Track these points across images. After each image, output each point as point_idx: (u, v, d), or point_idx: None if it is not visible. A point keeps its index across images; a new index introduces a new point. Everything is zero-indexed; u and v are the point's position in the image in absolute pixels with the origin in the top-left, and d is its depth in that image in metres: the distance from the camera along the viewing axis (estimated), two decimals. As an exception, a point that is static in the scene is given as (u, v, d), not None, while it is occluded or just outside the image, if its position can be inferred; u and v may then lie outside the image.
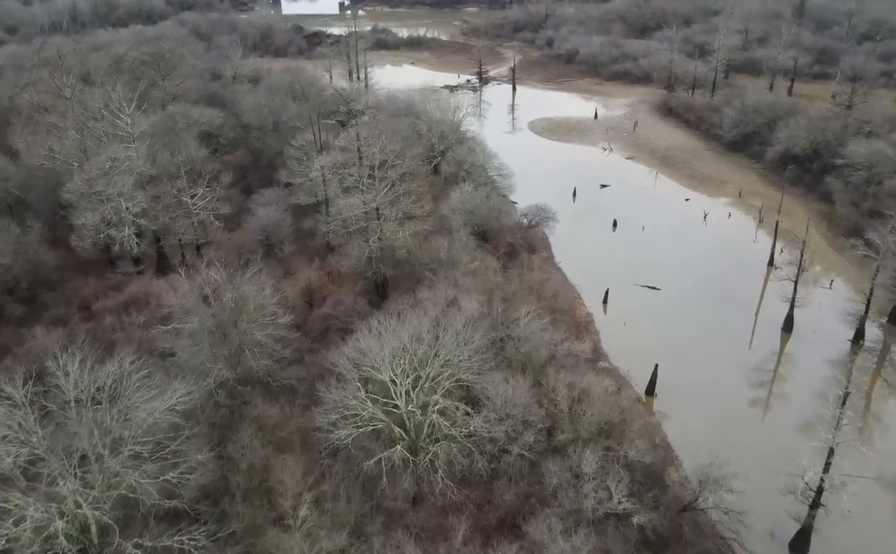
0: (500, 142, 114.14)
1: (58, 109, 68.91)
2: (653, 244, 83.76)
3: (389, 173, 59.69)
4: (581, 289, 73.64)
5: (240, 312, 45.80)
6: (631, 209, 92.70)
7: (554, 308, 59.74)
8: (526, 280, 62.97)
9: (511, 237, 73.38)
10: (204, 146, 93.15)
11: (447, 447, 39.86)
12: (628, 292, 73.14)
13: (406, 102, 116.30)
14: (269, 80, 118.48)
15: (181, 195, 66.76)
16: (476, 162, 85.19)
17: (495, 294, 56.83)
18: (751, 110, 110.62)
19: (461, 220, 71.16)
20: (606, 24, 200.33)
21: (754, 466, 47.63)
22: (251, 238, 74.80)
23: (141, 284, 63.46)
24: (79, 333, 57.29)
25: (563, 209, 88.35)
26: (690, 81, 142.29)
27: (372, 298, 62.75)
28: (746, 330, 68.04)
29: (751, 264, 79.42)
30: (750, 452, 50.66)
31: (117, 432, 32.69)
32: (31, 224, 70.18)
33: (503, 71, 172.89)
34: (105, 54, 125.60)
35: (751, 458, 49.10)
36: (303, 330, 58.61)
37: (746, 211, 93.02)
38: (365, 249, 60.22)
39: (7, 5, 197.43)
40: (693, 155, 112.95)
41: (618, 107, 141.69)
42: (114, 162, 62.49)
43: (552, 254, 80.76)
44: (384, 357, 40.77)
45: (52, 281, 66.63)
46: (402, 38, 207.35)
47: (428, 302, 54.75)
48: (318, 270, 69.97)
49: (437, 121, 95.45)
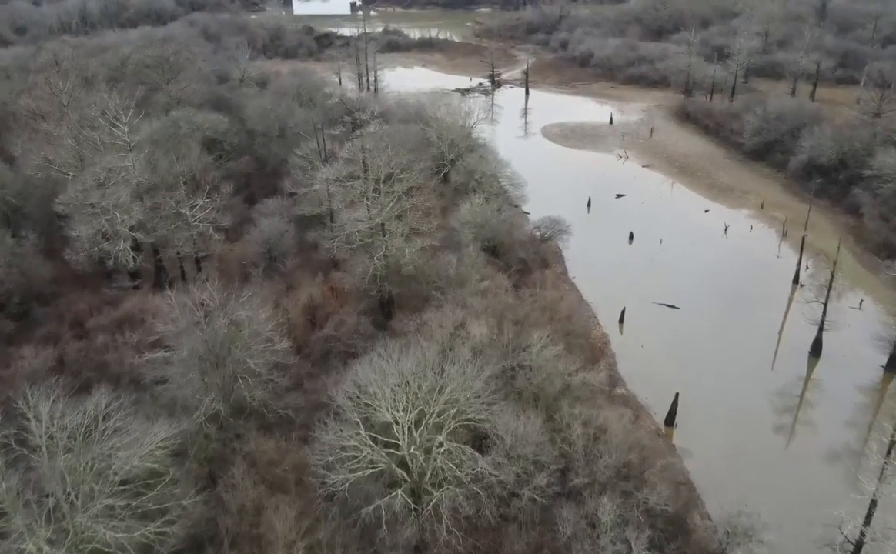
0: (513, 148, 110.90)
1: (54, 116, 66.45)
2: (671, 259, 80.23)
3: (396, 187, 56.67)
4: (596, 307, 70.38)
5: (233, 339, 42.96)
6: (648, 220, 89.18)
7: (568, 331, 56.50)
8: (538, 300, 59.76)
9: (523, 252, 70.19)
10: (207, 153, 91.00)
11: (452, 492, 36.77)
12: (646, 311, 69.77)
13: (416, 107, 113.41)
14: (276, 84, 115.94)
15: (180, 207, 64.08)
16: (487, 171, 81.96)
17: (506, 317, 53.69)
18: (773, 117, 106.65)
19: (471, 234, 68.09)
20: (622, 26, 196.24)
21: (785, 511, 44.12)
22: (253, 250, 72.13)
23: (136, 300, 60.86)
24: (69, 353, 55.00)
25: (577, 220, 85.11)
26: (709, 86, 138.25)
27: (377, 317, 59.82)
28: (770, 351, 64.55)
29: (774, 282, 75.78)
30: (779, 491, 47.29)
31: (89, 485, 29.88)
32: (26, 235, 67.84)
33: (516, 74, 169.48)
34: (112, 55, 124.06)
35: (781, 500, 45.64)
36: (303, 352, 55.77)
37: (769, 223, 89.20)
38: (369, 267, 57.26)
39: (17, 5, 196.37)
40: (712, 163, 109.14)
41: (634, 112, 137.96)
42: (109, 173, 59.88)
43: (566, 269, 77.50)
44: (385, 395, 37.71)
45: (45, 295, 64.19)
46: (414, 40, 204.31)
47: (434, 324, 51.75)
48: (322, 285, 67.22)
49: (448, 127, 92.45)
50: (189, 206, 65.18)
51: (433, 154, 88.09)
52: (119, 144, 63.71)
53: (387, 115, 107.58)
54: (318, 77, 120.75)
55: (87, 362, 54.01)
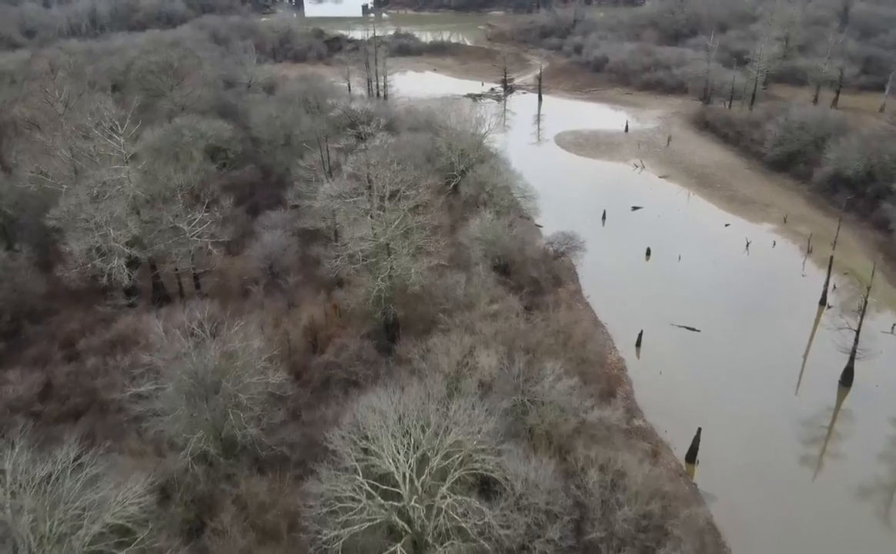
0: (525, 157, 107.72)
1: (49, 126, 64.04)
2: (690, 277, 76.70)
3: (401, 204, 53.69)
4: (612, 328, 67.09)
5: (224, 372, 40.12)
6: (665, 235, 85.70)
7: (583, 358, 53.29)
8: (551, 324, 56.55)
9: (535, 270, 66.96)
10: (211, 161, 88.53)
11: (457, 548, 33.66)
12: (664, 333, 66.35)
13: (426, 115, 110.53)
14: (283, 90, 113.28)
15: (177, 221, 61.44)
16: (499, 184, 78.77)
17: (516, 344, 50.58)
18: (796, 127, 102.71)
19: (480, 251, 64.99)
20: (637, 30, 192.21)
21: None
22: (254, 265, 69.45)
23: (130, 319, 58.21)
24: (58, 377, 52.50)
25: (591, 233, 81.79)
26: (727, 92, 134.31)
27: (381, 340, 56.86)
28: (796, 376, 61.17)
29: (799, 302, 72.06)
30: (807, 534, 44.11)
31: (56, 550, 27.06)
32: (20, 248, 65.51)
33: (528, 79, 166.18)
34: (119, 58, 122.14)
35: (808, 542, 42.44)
36: (302, 378, 52.96)
37: (793, 239, 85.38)
38: (373, 288, 54.28)
39: (27, 7, 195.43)
40: (732, 174, 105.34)
41: (650, 119, 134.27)
42: (103, 186, 57.33)
43: (580, 286, 74.16)
44: (385, 439, 34.67)
45: (38, 312, 61.74)
46: (425, 44, 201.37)
47: (440, 351, 48.72)
48: (326, 303, 64.37)
49: (458, 135, 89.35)
50: (187, 221, 62.54)
51: (443, 165, 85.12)
52: (115, 156, 61.09)
53: (395, 122, 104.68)
54: (326, 83, 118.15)
55: (76, 388, 51.58)
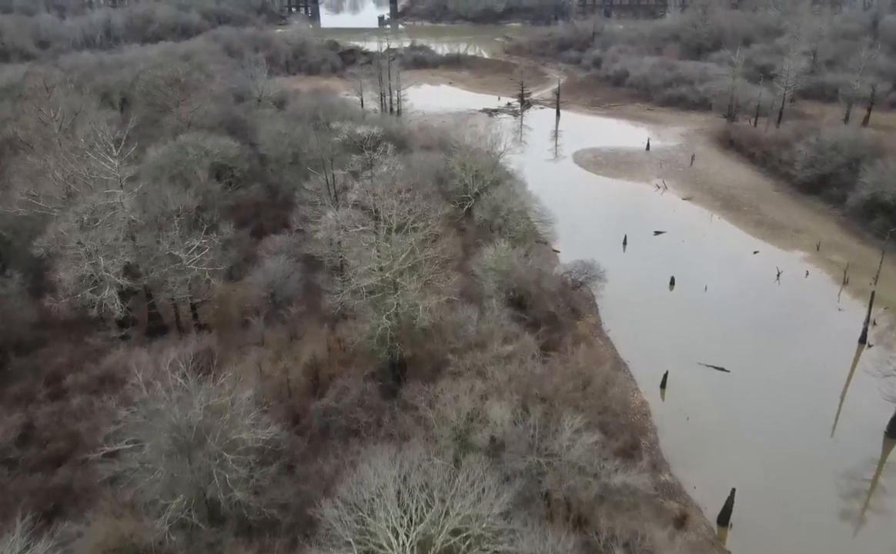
0: (542, 177, 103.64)
1: (41, 147, 61.10)
2: (718, 309, 72.01)
3: (410, 237, 49.86)
4: (634, 367, 62.76)
5: (210, 429, 36.37)
6: (690, 262, 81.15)
7: (604, 406, 48.95)
8: (570, 366, 52.28)
9: (552, 304, 62.73)
10: (217, 180, 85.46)
11: None
12: (691, 373, 61.78)
13: (439, 132, 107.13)
14: (293, 105, 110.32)
15: (173, 249, 58.07)
16: (514, 208, 74.74)
17: (532, 393, 46.45)
18: (828, 147, 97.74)
19: (494, 283, 60.97)
20: (659, 44, 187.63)
21: None
22: (256, 293, 65.97)
23: (121, 354, 54.80)
24: (40, 418, 49.09)
25: (611, 260, 77.42)
26: (753, 109, 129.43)
27: (386, 381, 52.92)
28: (833, 420, 56.65)
29: (836, 338, 67.17)
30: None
31: None
32: (11, 274, 62.47)
33: (546, 93, 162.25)
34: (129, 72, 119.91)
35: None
36: (300, 423, 49.19)
37: (827, 268, 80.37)
38: (378, 325, 50.40)
39: (42, 19, 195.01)
40: (760, 196, 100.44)
41: (672, 136, 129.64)
42: (93, 212, 54.09)
43: (600, 320, 69.87)
44: (381, 514, 30.68)
45: (26, 343, 58.55)
46: (441, 56, 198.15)
47: (449, 399, 44.76)
48: (330, 335, 60.66)
49: (472, 154, 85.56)
50: (184, 248, 59.16)
51: (456, 187, 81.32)
52: (110, 179, 57.89)
53: (408, 140, 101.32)
54: (337, 98, 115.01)
55: (59, 430, 48.18)
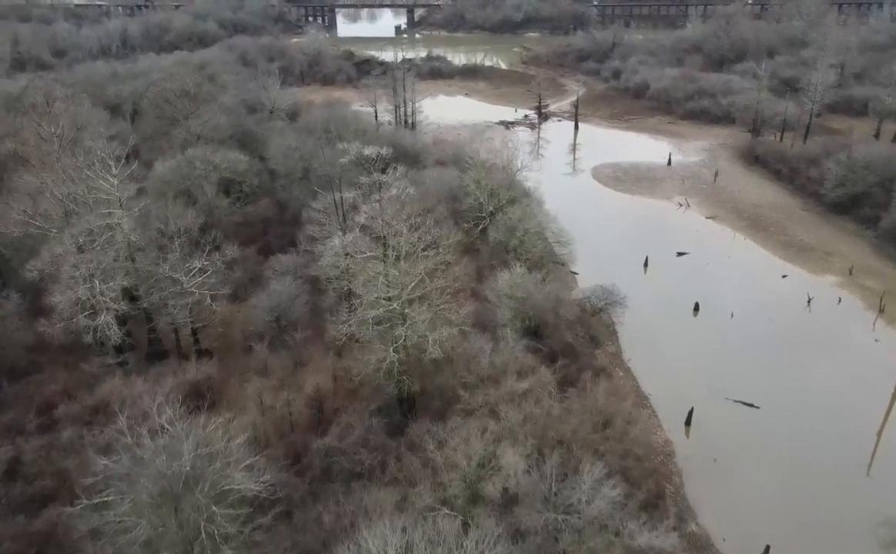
0: (560, 193, 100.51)
1: (41, 164, 58.97)
2: (745, 337, 68.24)
3: (419, 265, 46.91)
4: (657, 400, 59.28)
5: (199, 479, 33.49)
6: (715, 286, 77.38)
7: (626, 450, 45.58)
8: (589, 403, 48.95)
9: (570, 334, 59.49)
10: (225, 194, 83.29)
11: None
12: (717, 409, 58.16)
13: (454, 147, 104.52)
14: (305, 118, 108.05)
15: (173, 272, 55.58)
16: (531, 228, 71.58)
17: (549, 436, 43.21)
18: (860, 166, 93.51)
19: (509, 310, 57.77)
20: (679, 55, 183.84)
21: None
22: (260, 317, 63.32)
23: (116, 383, 52.18)
24: (28, 453, 46.63)
25: (632, 283, 74.24)
26: (778, 124, 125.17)
27: (393, 416, 49.90)
28: (868, 458, 52.91)
29: (872, 372, 63.12)
30: None
31: None
32: (7, 295, 60.37)
33: (564, 105, 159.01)
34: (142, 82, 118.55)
35: None
36: (302, 462, 46.26)
37: (861, 295, 76.21)
38: (384, 358, 47.42)
39: (60, 27, 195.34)
40: (787, 216, 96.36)
41: (694, 151, 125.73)
42: (90, 234, 51.74)
43: (620, 348, 66.39)
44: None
45: (20, 368, 56.24)
46: (457, 67, 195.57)
47: (459, 442, 41.70)
48: (336, 363, 57.86)
49: (488, 170, 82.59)
50: (185, 271, 56.64)
51: (471, 205, 78.35)
52: (109, 199, 55.55)
53: (422, 155, 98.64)
54: (350, 111, 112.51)
55: (47, 466, 45.63)
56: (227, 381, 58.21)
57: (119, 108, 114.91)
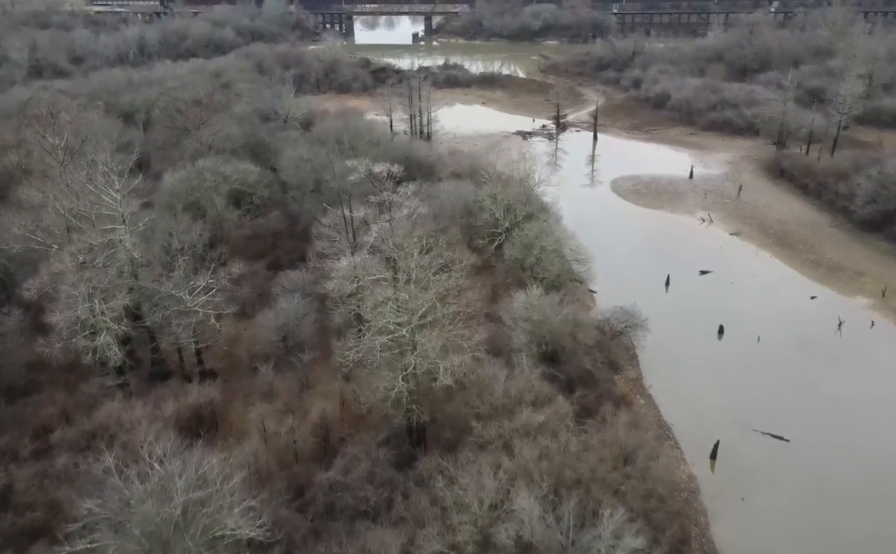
0: (578, 208, 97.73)
1: (43, 178, 57.48)
2: (772, 363, 65.03)
3: (430, 289, 44.52)
4: (679, 430, 56.34)
5: (189, 526, 31.26)
6: (740, 307, 74.07)
7: (648, 490, 42.73)
8: (609, 437, 46.21)
9: (589, 359, 56.69)
10: (235, 206, 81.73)
11: None
12: (744, 440, 55.09)
13: (470, 158, 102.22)
14: (319, 127, 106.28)
15: (176, 290, 53.69)
16: (548, 246, 68.86)
17: (565, 476, 40.53)
18: (892, 181, 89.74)
19: (525, 335, 55.13)
20: (701, 64, 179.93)
21: None
22: (266, 336, 61.31)
23: (115, 406, 50.19)
24: (20, 480, 44.80)
25: (653, 303, 71.23)
26: (803, 136, 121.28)
27: (402, 447, 47.50)
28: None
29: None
30: None
31: None
32: (9, 311, 58.84)
33: (583, 115, 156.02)
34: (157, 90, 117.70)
35: None
36: (304, 497, 43.90)
37: (895, 319, 72.68)
38: (393, 387, 45.06)
39: (79, 34, 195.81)
40: (815, 233, 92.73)
41: (717, 164, 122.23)
42: (90, 251, 49.96)
43: (640, 373, 63.50)
44: None
45: (18, 388, 54.61)
46: (475, 75, 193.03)
47: (470, 481, 39.18)
48: (343, 385, 55.61)
49: (504, 183, 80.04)
50: (189, 289, 54.73)
51: (486, 220, 75.86)
52: (112, 214, 53.83)
53: (437, 166, 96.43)
54: (364, 121, 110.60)
55: (39, 496, 43.76)
56: (231, 403, 56.25)
57: (132, 116, 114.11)
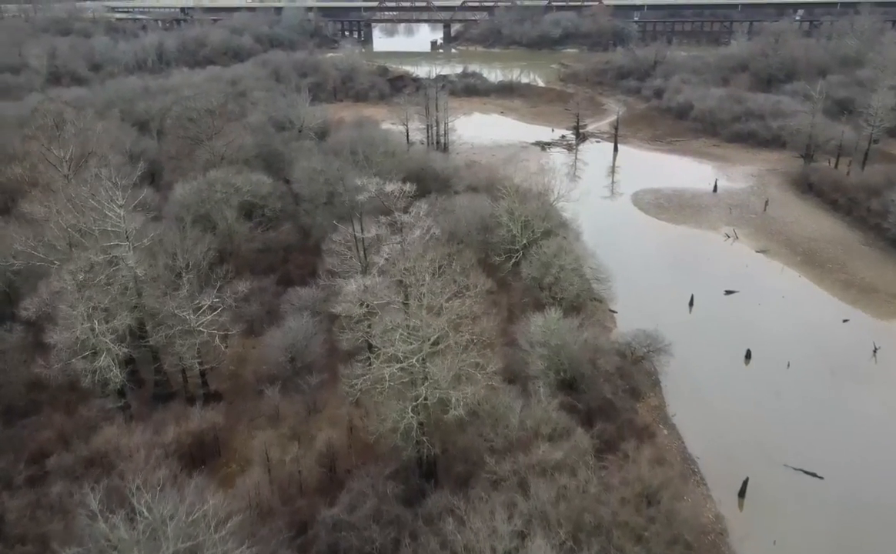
0: (599, 222, 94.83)
1: (46, 191, 56.01)
2: (804, 392, 61.70)
3: (442, 316, 42.11)
4: (705, 464, 53.20)
5: (177, 575, 29.04)
6: (768, 330, 70.73)
7: (673, 536, 39.83)
8: (630, 477, 43.38)
9: (609, 387, 53.81)
10: (247, 219, 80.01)
11: None
12: (775, 477, 51.88)
13: (487, 171, 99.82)
14: (334, 137, 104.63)
15: (180, 310, 51.77)
16: (567, 265, 66.21)
17: (585, 520, 37.79)
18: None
19: (542, 361, 52.49)
20: (725, 73, 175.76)
21: None
22: (274, 356, 59.21)
23: (114, 431, 48.28)
24: (12, 510, 42.90)
25: (676, 325, 68.36)
26: (833, 149, 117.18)
27: (412, 480, 45.06)
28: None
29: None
30: None
31: None
32: (11, 327, 57.29)
33: (603, 125, 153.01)
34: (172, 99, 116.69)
35: None
36: (307, 535, 41.60)
37: (933, 345, 69.06)
38: (402, 419, 42.67)
39: (98, 42, 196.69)
40: (846, 252, 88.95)
41: (741, 177, 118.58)
42: (91, 269, 48.19)
43: (664, 401, 60.45)
44: None
45: (16, 409, 52.97)
46: (493, 84, 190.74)
47: (482, 523, 36.60)
48: (352, 411, 53.33)
49: (521, 197, 77.45)
50: (193, 309, 52.80)
51: (503, 236, 73.35)
52: (115, 231, 52.09)
53: (453, 179, 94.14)
54: (379, 132, 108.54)
55: (31, 528, 41.81)
56: (235, 427, 54.28)
57: (147, 124, 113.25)
